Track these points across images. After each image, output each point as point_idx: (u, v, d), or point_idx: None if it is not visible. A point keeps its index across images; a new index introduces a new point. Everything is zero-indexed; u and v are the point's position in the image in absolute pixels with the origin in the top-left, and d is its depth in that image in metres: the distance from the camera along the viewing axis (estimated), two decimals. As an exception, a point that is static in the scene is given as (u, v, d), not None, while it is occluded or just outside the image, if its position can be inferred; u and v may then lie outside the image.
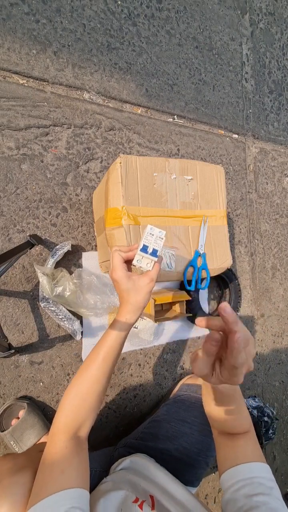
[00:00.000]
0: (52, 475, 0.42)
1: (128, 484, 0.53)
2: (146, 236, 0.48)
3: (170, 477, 0.55)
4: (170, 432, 0.71)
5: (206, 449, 0.69)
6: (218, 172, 0.79)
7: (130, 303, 0.51)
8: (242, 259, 1.17)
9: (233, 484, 0.44)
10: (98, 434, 0.86)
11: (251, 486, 0.42)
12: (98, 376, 0.50)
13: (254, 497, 0.40)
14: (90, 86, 0.92)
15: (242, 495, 0.42)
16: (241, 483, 0.43)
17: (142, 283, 0.50)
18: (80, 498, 0.40)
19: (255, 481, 0.43)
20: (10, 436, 0.70)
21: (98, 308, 0.77)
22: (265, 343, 1.21)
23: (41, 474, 0.43)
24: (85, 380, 0.50)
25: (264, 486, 0.42)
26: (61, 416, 0.48)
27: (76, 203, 0.87)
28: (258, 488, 0.41)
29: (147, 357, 0.95)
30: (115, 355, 0.52)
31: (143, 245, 0.48)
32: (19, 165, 0.81)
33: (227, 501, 0.43)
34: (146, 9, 1.01)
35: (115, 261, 0.50)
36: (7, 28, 0.81)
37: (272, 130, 1.31)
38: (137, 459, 0.62)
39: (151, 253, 0.48)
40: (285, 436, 1.23)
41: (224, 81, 1.18)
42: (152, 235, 0.48)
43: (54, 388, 0.81)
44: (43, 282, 0.73)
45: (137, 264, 0.49)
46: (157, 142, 1.02)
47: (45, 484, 0.41)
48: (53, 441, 0.46)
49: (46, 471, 0.43)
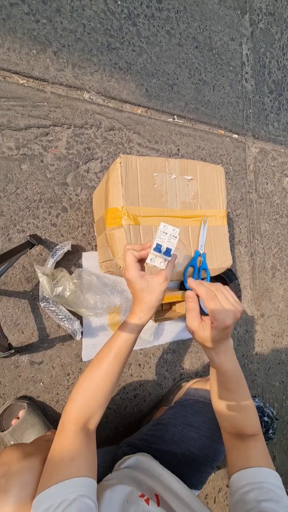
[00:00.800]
0: (62, 463, 0.43)
1: (133, 481, 0.53)
2: (159, 235, 0.47)
3: (174, 478, 0.55)
4: (176, 436, 0.71)
5: (213, 454, 0.68)
6: (218, 172, 0.79)
7: (144, 302, 0.51)
8: (242, 259, 1.17)
9: (243, 486, 0.44)
10: (98, 434, 0.85)
11: (261, 491, 0.42)
12: (109, 372, 0.51)
13: (263, 502, 0.41)
14: (90, 86, 0.92)
15: (251, 498, 0.42)
16: (250, 486, 0.43)
17: (155, 282, 0.50)
18: (89, 487, 0.41)
19: (265, 486, 0.43)
20: (10, 436, 0.70)
21: (98, 308, 0.77)
22: (265, 343, 1.21)
23: (50, 461, 0.44)
24: (97, 374, 0.51)
25: (274, 493, 0.42)
26: (72, 407, 0.49)
27: (76, 203, 0.87)
28: (268, 494, 0.42)
29: (147, 357, 0.95)
30: (127, 353, 0.52)
31: (157, 244, 0.47)
32: (19, 165, 0.81)
33: (236, 502, 0.44)
34: (146, 9, 1.01)
35: (128, 261, 0.50)
36: (7, 28, 0.81)
37: (272, 130, 1.31)
38: (142, 458, 0.61)
39: (165, 252, 0.47)
40: (285, 436, 1.23)
41: (224, 81, 1.18)
42: (165, 233, 0.48)
43: (54, 388, 0.81)
44: (43, 282, 0.73)
45: (151, 263, 0.49)
46: (157, 142, 1.02)
47: (55, 471, 0.42)
48: (63, 430, 0.47)
49: (56, 458, 0.44)
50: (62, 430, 0.47)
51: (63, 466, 0.42)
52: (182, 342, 1.01)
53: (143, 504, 0.45)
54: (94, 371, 0.51)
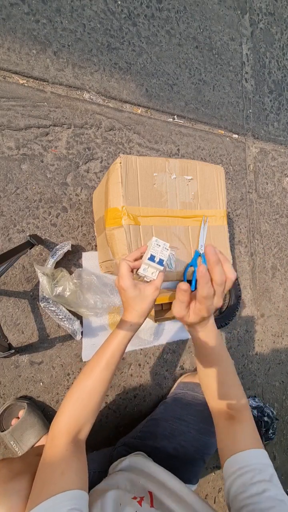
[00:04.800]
0: (53, 477, 0.42)
1: (126, 483, 0.53)
2: (153, 247, 0.52)
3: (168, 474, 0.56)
4: (168, 431, 0.72)
5: (203, 447, 0.69)
6: (218, 172, 0.79)
7: (135, 309, 0.53)
8: (242, 259, 1.17)
9: (234, 472, 0.45)
10: (98, 434, 0.86)
11: (253, 473, 0.43)
12: (101, 380, 0.51)
13: (257, 484, 0.42)
14: (90, 86, 0.92)
15: (243, 482, 0.43)
16: (241, 470, 0.44)
17: (148, 291, 0.52)
18: (80, 499, 0.41)
19: (257, 468, 0.44)
20: (10, 436, 0.70)
21: (98, 308, 0.77)
22: (265, 343, 1.21)
23: (41, 475, 0.43)
24: (88, 383, 0.51)
25: (265, 473, 0.44)
26: (63, 419, 0.49)
27: (76, 203, 0.87)
28: (259, 475, 0.43)
29: (147, 357, 0.95)
30: (117, 360, 0.53)
31: (151, 255, 0.51)
32: (19, 165, 0.81)
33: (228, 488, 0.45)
34: (146, 9, 1.01)
35: (123, 270, 0.52)
36: (7, 28, 0.81)
37: (272, 130, 1.31)
38: (135, 459, 0.62)
39: (158, 262, 0.51)
40: (285, 436, 1.23)
41: (224, 81, 1.18)
42: (158, 245, 0.52)
43: (54, 388, 0.81)
44: (43, 282, 0.73)
45: (143, 273, 0.52)
46: (157, 142, 1.02)
47: (45, 486, 0.41)
48: (53, 443, 0.47)
49: (46, 472, 0.43)
50: (52, 443, 0.47)
51: (54, 480, 0.41)
52: (182, 342, 1.01)
53: (135, 505, 0.45)
54: (85, 381, 0.51)
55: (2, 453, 0.75)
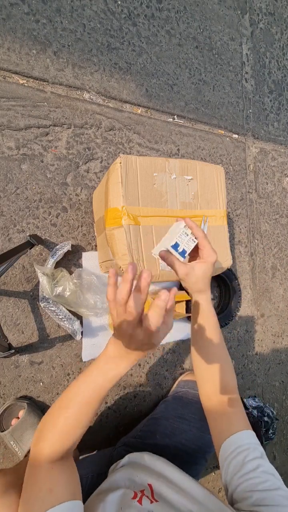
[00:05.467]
0: (40, 495, 0.39)
1: (125, 481, 0.53)
2: (180, 235, 0.47)
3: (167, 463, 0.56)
4: (168, 429, 0.72)
5: (205, 446, 0.69)
6: (218, 172, 0.79)
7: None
8: (242, 259, 1.17)
9: (231, 453, 0.46)
10: (98, 434, 0.86)
11: (246, 452, 0.46)
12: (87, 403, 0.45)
13: (251, 461, 0.45)
14: (90, 86, 0.92)
15: (238, 461, 0.45)
16: (236, 451, 0.46)
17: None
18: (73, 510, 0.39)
19: (251, 447, 0.46)
20: (10, 436, 0.70)
21: (98, 308, 0.77)
22: (265, 343, 1.21)
23: (27, 494, 0.40)
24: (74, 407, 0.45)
25: (257, 451, 0.46)
26: (44, 446, 0.43)
27: (76, 203, 0.87)
28: (252, 454, 0.45)
29: (147, 357, 0.95)
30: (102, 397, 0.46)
31: (176, 242, 0.47)
32: (19, 165, 0.81)
33: (225, 470, 0.46)
34: (146, 9, 1.01)
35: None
36: (7, 28, 0.81)
37: (272, 130, 1.31)
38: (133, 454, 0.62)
39: (180, 253, 0.47)
40: (285, 436, 1.23)
41: (224, 81, 1.18)
42: (186, 235, 0.47)
43: (54, 388, 0.81)
44: (43, 282, 0.73)
45: (159, 259, 0.49)
46: (157, 142, 1.02)
47: (31, 505, 0.39)
48: (35, 464, 0.42)
49: (33, 491, 0.40)
50: (34, 464, 0.42)
51: (41, 498, 0.38)
52: (182, 342, 1.01)
53: (136, 506, 0.45)
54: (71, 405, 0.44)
55: (2, 453, 0.75)
